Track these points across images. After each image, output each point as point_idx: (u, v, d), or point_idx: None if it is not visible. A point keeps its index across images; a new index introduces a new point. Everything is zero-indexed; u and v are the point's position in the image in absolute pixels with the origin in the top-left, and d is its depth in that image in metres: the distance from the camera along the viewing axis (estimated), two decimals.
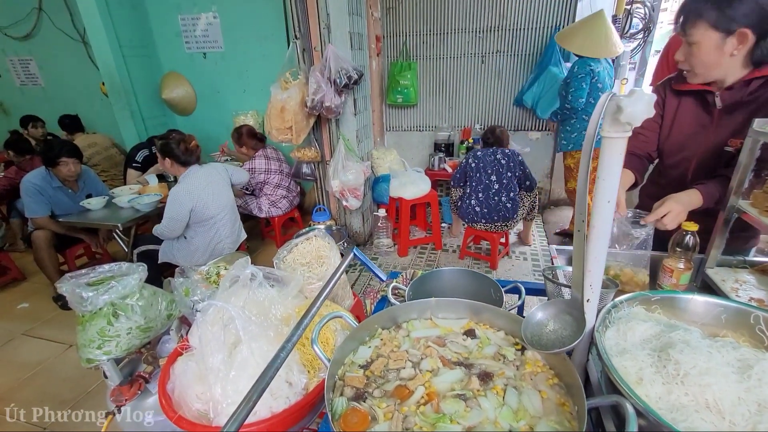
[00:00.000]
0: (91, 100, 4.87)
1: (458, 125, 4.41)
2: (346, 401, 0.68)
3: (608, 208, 0.63)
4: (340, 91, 2.98)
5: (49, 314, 2.94)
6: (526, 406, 0.65)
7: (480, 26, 3.93)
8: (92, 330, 1.16)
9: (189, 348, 1.04)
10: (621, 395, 0.58)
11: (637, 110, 0.55)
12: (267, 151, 3.53)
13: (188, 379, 0.98)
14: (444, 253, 3.69)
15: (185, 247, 2.55)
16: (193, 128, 4.74)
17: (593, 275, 0.67)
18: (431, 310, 0.88)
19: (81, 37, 4.50)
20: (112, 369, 1.22)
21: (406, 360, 0.76)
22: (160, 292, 1.34)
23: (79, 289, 1.14)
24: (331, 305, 1.25)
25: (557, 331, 0.71)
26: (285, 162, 3.67)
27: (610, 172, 0.61)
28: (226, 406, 0.91)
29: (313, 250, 1.42)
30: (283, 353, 0.70)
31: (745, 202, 1.03)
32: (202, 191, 2.41)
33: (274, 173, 3.50)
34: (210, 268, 1.65)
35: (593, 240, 0.65)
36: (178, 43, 4.32)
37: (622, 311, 0.78)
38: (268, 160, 3.48)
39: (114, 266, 1.29)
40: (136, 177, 3.50)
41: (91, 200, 2.93)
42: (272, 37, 3.98)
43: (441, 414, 0.64)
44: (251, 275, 1.06)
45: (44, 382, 2.28)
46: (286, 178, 3.62)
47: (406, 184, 3.45)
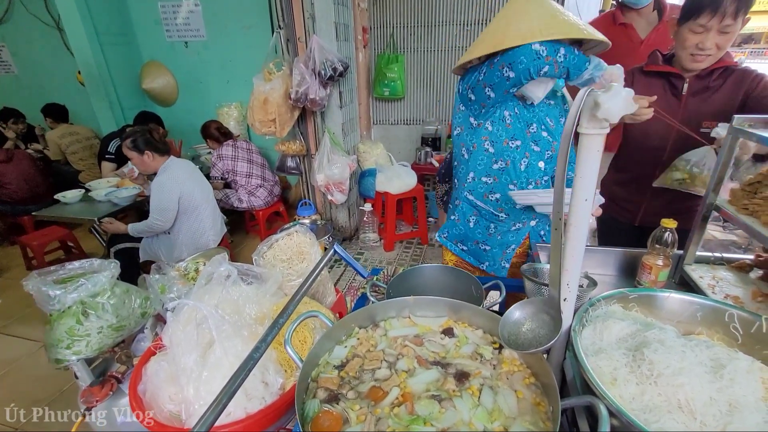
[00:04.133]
0: (67, 89, 4.70)
1: (446, 119, 4.39)
2: (319, 403, 0.66)
3: (585, 206, 0.62)
4: (325, 83, 2.92)
5: (22, 311, 2.85)
6: (501, 407, 0.64)
7: (468, 19, 3.90)
8: (60, 329, 1.12)
9: (162, 347, 1.01)
10: (595, 396, 0.57)
11: (614, 106, 0.54)
12: (236, 141, 3.53)
13: (160, 380, 0.95)
14: (430, 248, 3.69)
15: (168, 243, 2.49)
16: (175, 120, 4.63)
17: (570, 274, 0.66)
18: (409, 309, 0.86)
19: (56, 23, 4.32)
20: (82, 369, 1.18)
21: (382, 360, 0.74)
22: (134, 289, 1.30)
23: (45, 287, 1.10)
24: (311, 303, 1.23)
25: (534, 330, 0.70)
26: (256, 153, 3.64)
27: (587, 169, 0.60)
28: (198, 408, 0.88)
29: (294, 245, 1.39)
30: (256, 354, 0.67)
31: (722, 200, 1.04)
32: (186, 179, 2.37)
33: (242, 161, 3.48)
34: (188, 264, 1.61)
35: (571, 238, 0.64)
36: (159, 31, 4.18)
37: (599, 310, 0.77)
38: (236, 148, 3.47)
39: (85, 263, 1.24)
40: (111, 170, 3.40)
41: (66, 193, 2.83)
42: (256, 27, 3.89)
43: (415, 416, 0.62)
44: (227, 274, 1.03)
45: (16, 381, 2.22)
46: (258, 168, 3.58)
47: (392, 178, 3.43)
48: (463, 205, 1.45)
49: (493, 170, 1.33)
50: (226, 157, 3.42)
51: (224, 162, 3.41)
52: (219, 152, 3.42)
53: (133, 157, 2.31)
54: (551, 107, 1.32)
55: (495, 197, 1.36)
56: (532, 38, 1.03)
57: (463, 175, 1.42)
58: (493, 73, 1.13)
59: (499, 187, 1.34)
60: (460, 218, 1.47)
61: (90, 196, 2.88)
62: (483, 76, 1.17)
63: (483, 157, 1.33)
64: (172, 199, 2.30)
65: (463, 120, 1.35)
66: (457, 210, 1.49)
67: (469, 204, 1.43)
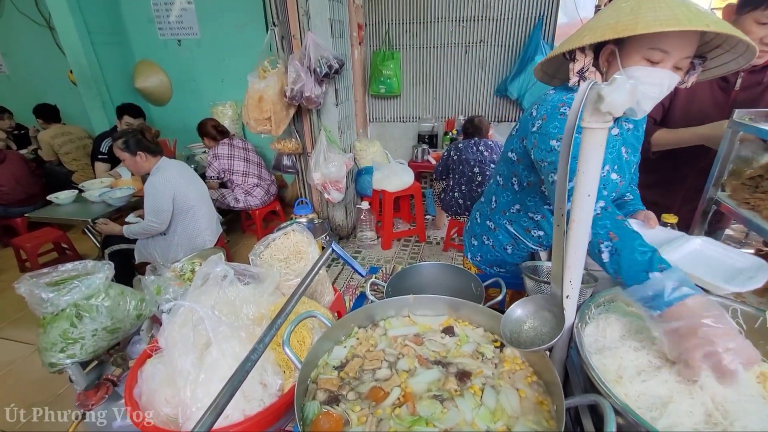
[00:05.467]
0: (59, 88, 4.64)
1: (442, 116, 4.37)
2: (319, 405, 0.65)
3: (588, 201, 0.60)
4: (321, 80, 2.90)
5: (16, 314, 2.82)
6: (504, 406, 0.63)
7: (463, 15, 3.88)
8: (54, 332, 1.10)
9: (158, 349, 0.99)
10: (599, 394, 0.57)
11: (618, 99, 0.53)
12: (232, 140, 3.51)
13: (157, 383, 0.94)
14: (428, 246, 3.69)
15: (164, 244, 2.46)
16: (169, 119, 4.59)
17: (573, 271, 0.65)
18: (409, 308, 0.85)
19: (47, 21, 4.27)
20: (77, 373, 1.16)
21: (383, 360, 0.73)
22: (129, 290, 1.28)
23: (37, 289, 1.08)
24: (309, 302, 1.22)
25: (536, 328, 0.69)
26: (253, 152, 3.63)
27: (590, 164, 0.59)
28: (195, 410, 0.86)
29: (291, 245, 1.37)
30: (254, 355, 0.66)
31: (723, 194, 1.03)
32: (179, 179, 2.34)
33: (239, 159, 3.46)
34: (184, 265, 1.59)
35: (573, 235, 0.63)
36: (151, 30, 4.14)
37: (601, 307, 0.77)
38: (232, 147, 3.45)
39: (78, 265, 1.22)
40: (105, 170, 3.36)
41: (59, 194, 2.79)
42: (251, 24, 3.86)
43: (417, 416, 0.61)
44: (223, 274, 1.01)
45: (11, 385, 2.19)
46: (255, 167, 3.56)
47: (389, 176, 3.41)
48: (500, 233, 1.33)
49: (543, 209, 1.20)
50: (222, 156, 3.39)
51: (220, 161, 3.39)
52: (215, 151, 3.40)
53: (124, 158, 2.28)
54: (630, 133, 1.08)
55: (539, 234, 1.25)
56: (677, 25, 0.75)
57: (507, 204, 1.29)
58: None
59: (547, 225, 1.23)
60: (496, 245, 1.36)
61: (83, 196, 2.85)
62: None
63: (536, 197, 1.19)
64: (166, 200, 2.27)
65: (523, 153, 1.13)
66: (491, 234, 1.37)
67: (507, 233, 1.32)
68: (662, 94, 0.88)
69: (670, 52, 0.83)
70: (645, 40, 0.83)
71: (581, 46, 0.87)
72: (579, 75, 0.92)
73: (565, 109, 0.94)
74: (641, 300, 0.63)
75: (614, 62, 0.89)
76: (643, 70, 0.85)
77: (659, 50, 0.83)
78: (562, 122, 0.93)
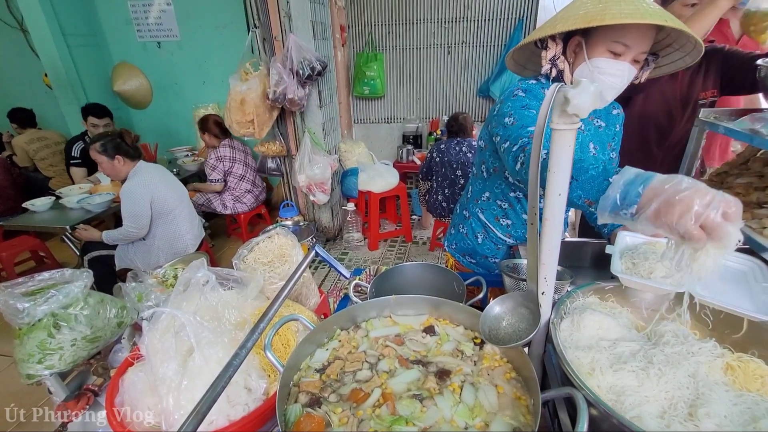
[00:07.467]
0: (34, 92, 4.51)
1: (426, 117, 4.40)
2: (301, 408, 0.65)
3: (560, 201, 0.62)
4: (304, 82, 2.89)
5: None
6: (482, 403, 0.64)
7: (445, 16, 3.92)
8: (31, 343, 1.07)
9: (140, 357, 0.98)
10: (573, 387, 0.58)
11: (583, 101, 0.54)
12: (233, 142, 3.45)
13: (138, 391, 0.93)
14: (414, 246, 3.71)
15: (144, 249, 2.42)
16: (150, 123, 4.51)
17: (547, 267, 0.67)
18: (390, 308, 0.86)
19: (18, 24, 4.14)
20: (56, 384, 1.13)
21: (363, 361, 0.74)
22: (109, 298, 1.26)
23: (12, 300, 1.05)
24: (293, 305, 1.22)
25: (514, 325, 0.70)
26: (250, 156, 3.57)
27: (560, 164, 0.60)
28: (178, 417, 0.86)
29: (275, 248, 1.37)
30: (236, 360, 0.66)
31: None
32: (157, 182, 2.30)
33: (239, 162, 3.41)
34: (166, 270, 1.57)
35: (546, 232, 0.65)
36: (129, 32, 4.06)
37: (576, 302, 0.79)
38: (234, 149, 3.39)
39: (55, 273, 1.19)
40: (82, 176, 3.28)
41: (35, 201, 2.72)
42: (231, 26, 3.82)
43: (397, 416, 0.62)
44: (205, 279, 1.01)
45: None
46: (251, 172, 3.52)
47: (374, 177, 3.42)
48: (473, 221, 1.40)
49: (509, 197, 1.28)
50: (225, 158, 3.32)
51: (224, 164, 3.31)
52: (218, 153, 3.32)
53: (102, 162, 2.23)
54: (600, 131, 1.13)
55: (506, 222, 1.31)
56: (641, 18, 0.83)
57: (478, 192, 1.37)
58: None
59: (513, 214, 1.29)
60: (469, 233, 1.43)
61: (61, 203, 2.77)
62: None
63: (501, 183, 1.26)
64: (144, 205, 2.24)
65: (488, 139, 1.21)
66: (465, 223, 1.44)
67: (479, 222, 1.39)
68: (622, 86, 0.97)
69: (630, 46, 0.91)
70: (610, 33, 0.91)
71: (552, 35, 0.96)
72: (551, 62, 1.01)
73: (519, 92, 1.04)
74: (614, 208, 0.63)
75: (581, 53, 0.98)
76: (606, 61, 0.94)
77: (621, 43, 0.91)
78: (514, 101, 1.02)
